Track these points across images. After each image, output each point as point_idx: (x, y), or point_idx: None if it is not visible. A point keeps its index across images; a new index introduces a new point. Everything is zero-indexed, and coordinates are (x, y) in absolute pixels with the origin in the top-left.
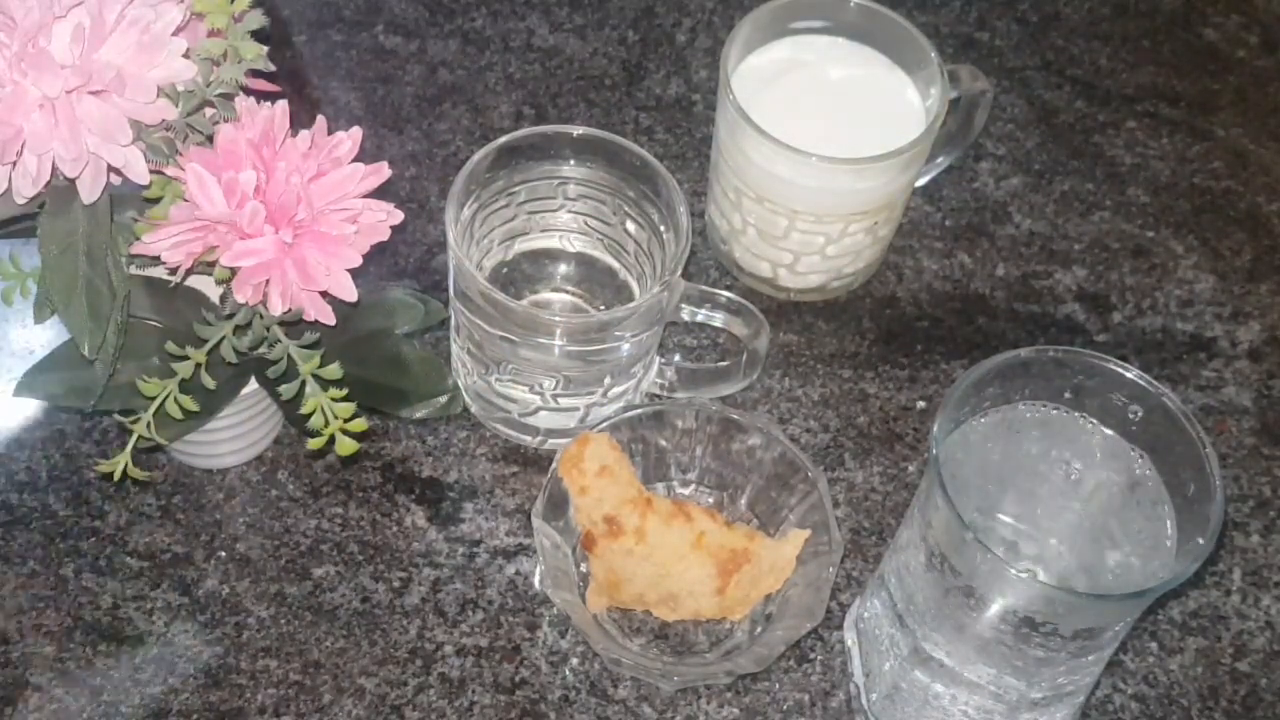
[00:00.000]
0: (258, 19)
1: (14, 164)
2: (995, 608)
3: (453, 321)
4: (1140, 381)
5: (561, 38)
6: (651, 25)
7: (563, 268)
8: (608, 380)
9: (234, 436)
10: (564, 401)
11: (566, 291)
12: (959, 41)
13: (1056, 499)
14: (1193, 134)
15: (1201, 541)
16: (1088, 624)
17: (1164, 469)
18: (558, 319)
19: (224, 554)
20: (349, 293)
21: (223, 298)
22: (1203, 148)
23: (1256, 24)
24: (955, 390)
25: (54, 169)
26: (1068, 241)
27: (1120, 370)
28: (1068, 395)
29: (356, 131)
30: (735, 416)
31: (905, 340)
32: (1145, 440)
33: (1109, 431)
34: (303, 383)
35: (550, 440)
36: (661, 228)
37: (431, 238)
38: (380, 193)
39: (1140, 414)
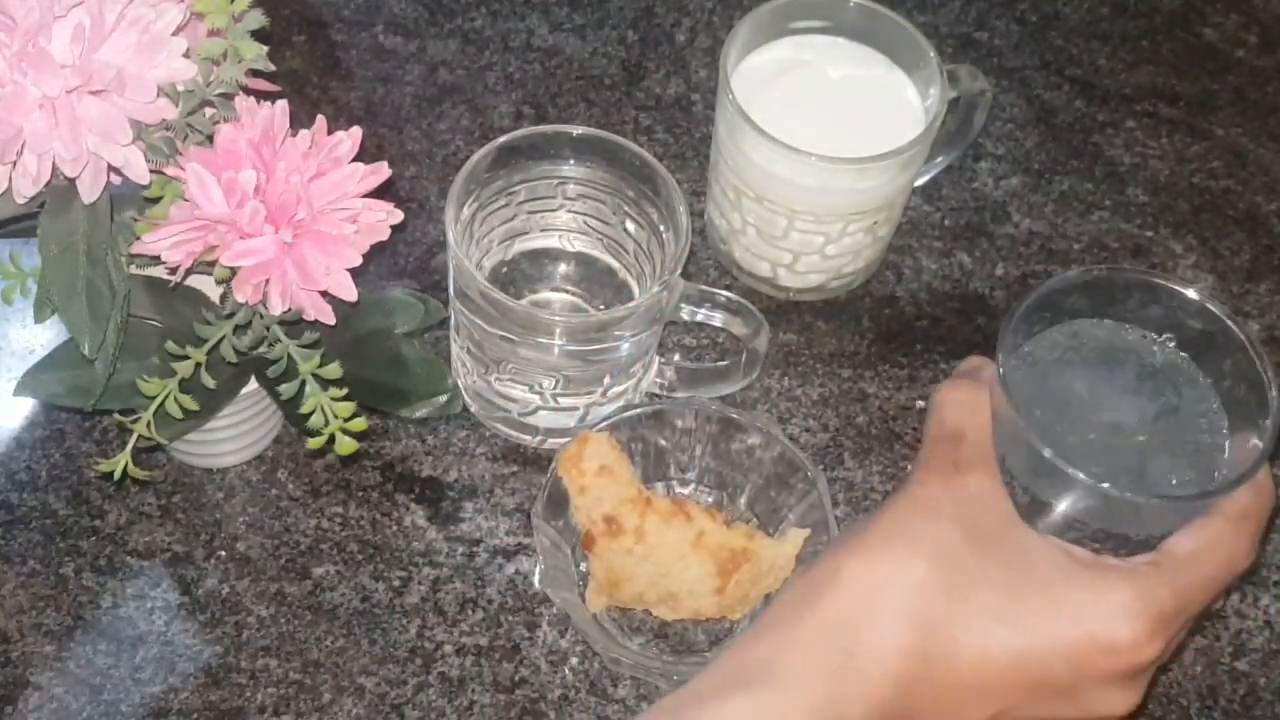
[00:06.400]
0: (258, 19)
1: (14, 164)
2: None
3: (453, 321)
4: (1188, 294)
5: (561, 38)
6: (651, 25)
7: (562, 267)
8: (607, 380)
9: (234, 436)
10: (564, 401)
11: (566, 291)
12: (959, 41)
13: (1118, 419)
14: (1192, 134)
15: (1258, 444)
16: (1151, 531)
17: (1215, 378)
18: (557, 319)
19: (224, 553)
20: (349, 292)
21: (223, 298)
22: (1202, 147)
23: (1256, 24)
24: (1019, 308)
25: (54, 169)
26: (1067, 241)
27: (1180, 290)
28: (1113, 313)
29: (356, 131)
30: (735, 416)
31: (904, 340)
32: (1197, 356)
33: (1170, 347)
34: (303, 382)
35: (550, 440)
36: (661, 227)
37: (431, 238)
38: (380, 192)
39: (1179, 337)
